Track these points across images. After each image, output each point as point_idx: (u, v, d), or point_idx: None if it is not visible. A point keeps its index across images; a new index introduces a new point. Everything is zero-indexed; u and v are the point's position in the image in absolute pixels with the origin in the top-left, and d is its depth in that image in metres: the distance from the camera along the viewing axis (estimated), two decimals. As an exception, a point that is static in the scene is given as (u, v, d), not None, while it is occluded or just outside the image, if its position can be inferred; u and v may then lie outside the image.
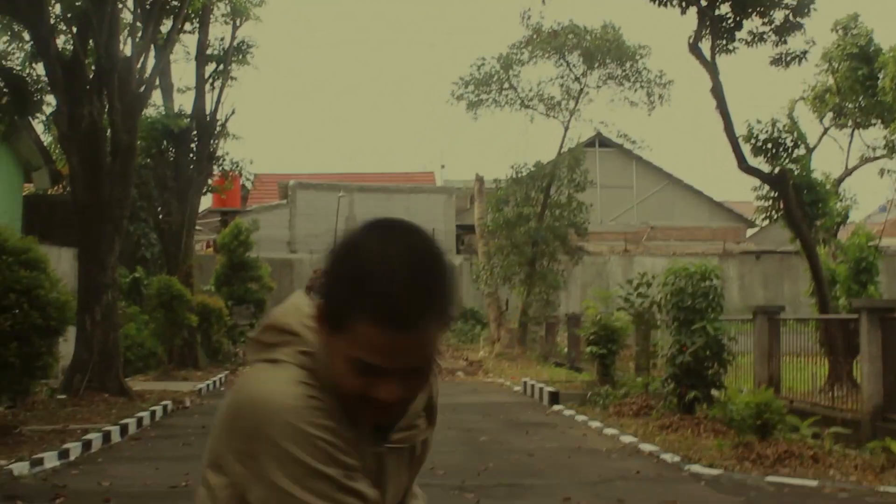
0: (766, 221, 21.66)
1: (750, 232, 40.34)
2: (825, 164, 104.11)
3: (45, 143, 25.94)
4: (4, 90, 19.81)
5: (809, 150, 29.94)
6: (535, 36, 29.32)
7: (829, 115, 28.90)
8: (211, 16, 24.56)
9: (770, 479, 9.28)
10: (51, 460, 10.58)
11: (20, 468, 9.87)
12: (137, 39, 18.11)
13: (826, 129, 29.39)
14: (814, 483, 8.98)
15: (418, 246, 1.61)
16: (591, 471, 10.32)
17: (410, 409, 1.76)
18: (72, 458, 11.11)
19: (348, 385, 1.60)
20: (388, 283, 1.53)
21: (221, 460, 1.66)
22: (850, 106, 27.51)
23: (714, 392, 13.24)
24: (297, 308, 1.75)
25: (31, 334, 11.33)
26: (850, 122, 28.88)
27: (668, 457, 10.88)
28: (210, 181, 26.47)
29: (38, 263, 11.70)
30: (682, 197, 41.68)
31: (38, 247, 12.19)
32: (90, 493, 9.17)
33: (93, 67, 17.28)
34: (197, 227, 27.27)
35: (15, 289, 11.21)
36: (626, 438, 12.49)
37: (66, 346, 15.05)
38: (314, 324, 1.66)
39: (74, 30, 17.49)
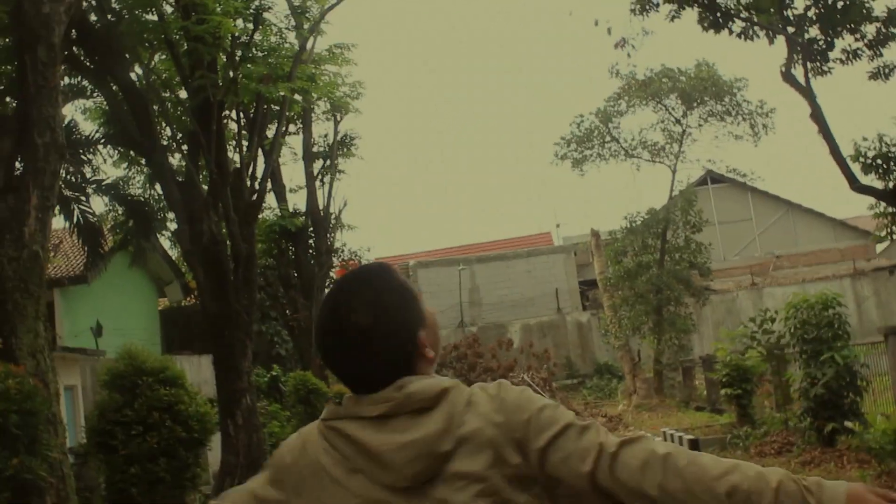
0: (889, 239, 21.17)
1: (880, 247, 39.25)
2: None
3: (174, 258, 27.17)
4: (128, 216, 20.94)
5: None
6: (628, 85, 29.48)
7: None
8: (312, 114, 25.52)
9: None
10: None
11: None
12: (245, 150, 18.97)
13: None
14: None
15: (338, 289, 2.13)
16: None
17: None
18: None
19: None
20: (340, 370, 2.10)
21: None
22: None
23: (851, 422, 13.00)
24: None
25: (177, 448, 11.92)
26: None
27: (811, 494, 10.73)
28: (332, 273, 27.25)
29: (175, 380, 12.33)
30: (803, 221, 40.87)
31: (175, 364, 12.84)
32: None
33: (205, 184, 18.15)
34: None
35: (157, 407, 11.84)
36: (770, 479, 12.31)
37: (214, 454, 15.68)
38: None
39: (185, 149, 18.44)
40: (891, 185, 18.74)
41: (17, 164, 10.37)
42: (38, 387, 7.92)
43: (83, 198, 18.29)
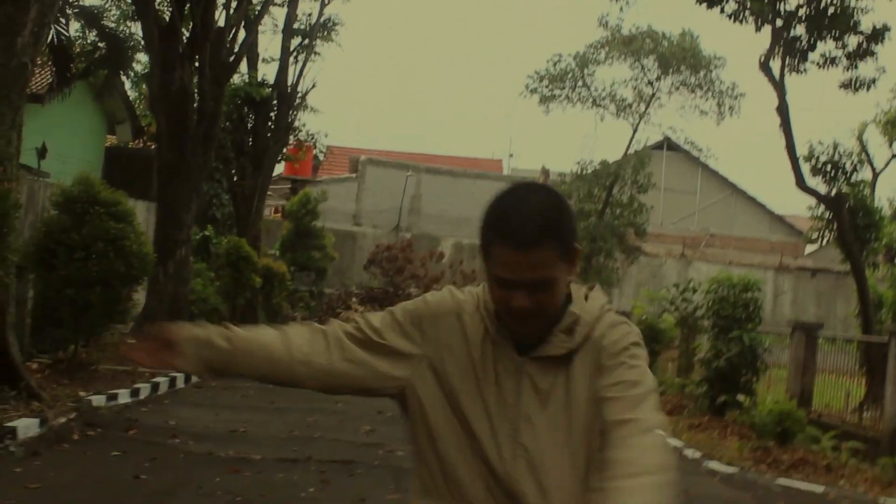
0: (819, 241, 22.03)
1: (809, 249, 40.45)
2: (892, 189, 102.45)
3: (132, 99, 27.08)
4: (101, 46, 20.90)
5: (875, 174, 30.18)
6: (612, 37, 29.82)
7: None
8: (300, -9, 25.45)
9: (780, 481, 9.95)
10: (123, 397, 11.60)
11: (98, 400, 10.89)
12: (231, 12, 19.04)
13: (895, 154, 29.57)
14: (820, 489, 9.63)
15: (536, 195, 2.14)
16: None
17: (549, 329, 2.19)
18: (141, 396, 12.14)
19: (495, 297, 2.16)
20: (510, 217, 2.09)
21: None
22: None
23: (744, 398, 13.85)
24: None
25: (113, 281, 12.29)
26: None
27: (689, 452, 11.58)
28: (285, 150, 27.43)
29: (125, 216, 12.65)
30: (744, 208, 41.93)
31: (127, 201, 13.15)
32: (158, 428, 10.14)
33: (186, 35, 18.24)
34: (267, 193, 28.25)
35: (103, 238, 12.17)
36: (655, 433, 13.12)
37: (138, 296, 16.07)
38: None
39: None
40: (834, 191, 19.55)
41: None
42: (10, 190, 8.26)
43: (62, 19, 18.22)
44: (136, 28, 19.92)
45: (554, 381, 2.18)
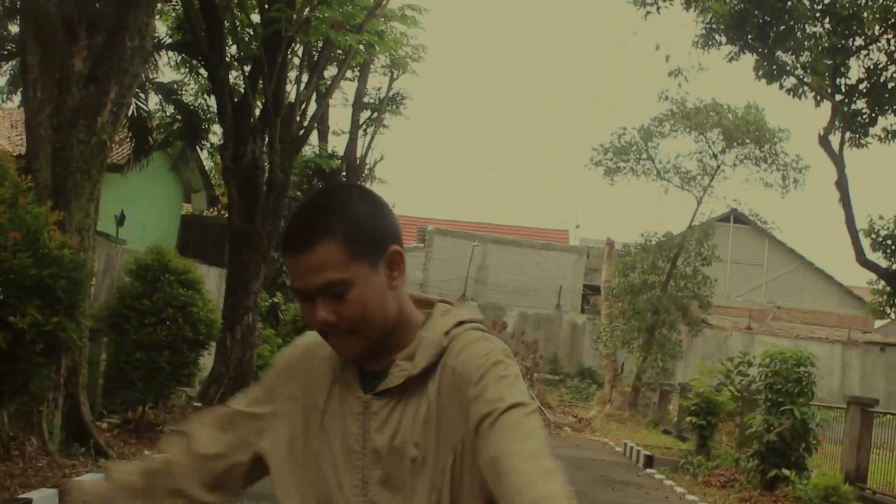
0: (885, 316, 21.94)
1: (879, 323, 39.97)
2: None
3: (207, 169, 28.06)
4: (178, 119, 21.83)
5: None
6: (676, 111, 30.17)
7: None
8: (370, 66, 26.35)
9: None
10: (187, 457, 12.09)
11: (162, 459, 11.39)
12: (302, 87, 19.84)
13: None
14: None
15: (322, 193, 1.92)
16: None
17: (392, 361, 1.92)
18: (204, 457, 12.61)
19: (306, 317, 1.92)
20: (289, 220, 1.88)
21: None
22: None
23: (793, 473, 13.88)
24: None
25: (181, 345, 12.92)
26: None
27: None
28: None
29: (194, 284, 13.30)
30: (811, 280, 41.65)
31: (197, 269, 13.81)
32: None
33: (258, 109, 19.04)
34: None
35: (173, 304, 12.83)
36: (705, 506, 13.30)
37: (206, 361, 16.68)
38: None
39: (246, 71, 19.30)
40: (894, 266, 19.55)
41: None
42: (86, 260, 8.88)
43: (142, 94, 19.16)
44: (212, 101, 20.80)
45: (401, 419, 1.90)
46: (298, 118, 19.66)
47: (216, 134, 26.29)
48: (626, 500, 13.39)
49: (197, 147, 23.35)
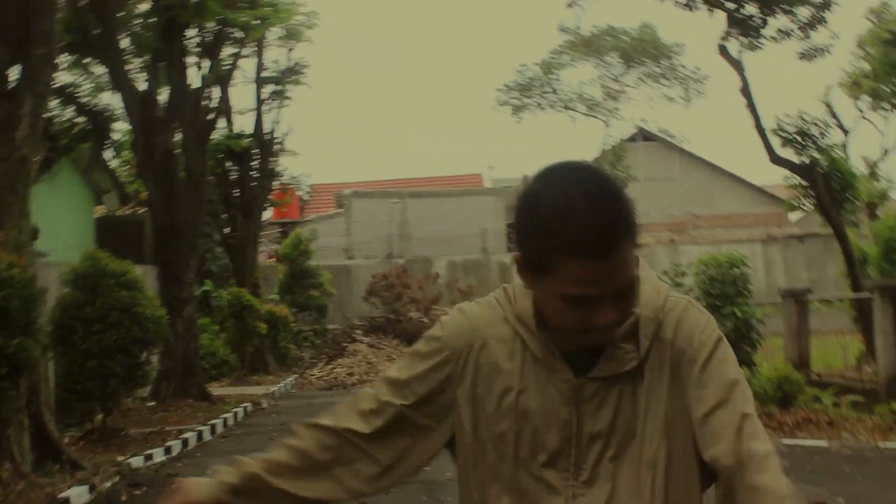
0: (800, 209, 22.63)
1: (794, 216, 41.06)
2: (865, 147, 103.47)
3: (113, 168, 27.60)
4: (78, 122, 21.41)
5: (846, 134, 30.91)
6: (573, 40, 30.54)
7: (868, 99, 29.78)
8: (265, 39, 26.06)
9: (786, 441, 10.53)
10: (158, 455, 12.14)
11: (136, 461, 11.44)
12: (206, 72, 19.60)
13: (862, 113, 30.33)
14: (824, 443, 10.23)
15: (590, 180, 1.73)
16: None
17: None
18: (174, 453, 12.66)
19: (568, 321, 1.75)
20: (577, 220, 1.66)
21: None
22: (886, 89, 28.40)
23: (744, 370, 14.37)
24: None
25: (132, 347, 12.86)
26: (886, 105, 29.76)
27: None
28: (270, 196, 27.98)
29: (135, 284, 13.21)
30: (724, 185, 42.56)
31: (134, 269, 13.71)
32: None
33: (161, 99, 18.74)
34: (260, 240, 28.81)
35: (116, 307, 12.73)
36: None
37: (152, 358, 16.61)
38: (519, 276, 1.82)
39: (147, 63, 18.97)
40: (806, 160, 20.15)
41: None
42: (34, 276, 8.83)
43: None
44: (109, 99, 20.48)
45: (618, 401, 1.83)
46: (204, 103, 19.46)
47: (117, 132, 25.93)
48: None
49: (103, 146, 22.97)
